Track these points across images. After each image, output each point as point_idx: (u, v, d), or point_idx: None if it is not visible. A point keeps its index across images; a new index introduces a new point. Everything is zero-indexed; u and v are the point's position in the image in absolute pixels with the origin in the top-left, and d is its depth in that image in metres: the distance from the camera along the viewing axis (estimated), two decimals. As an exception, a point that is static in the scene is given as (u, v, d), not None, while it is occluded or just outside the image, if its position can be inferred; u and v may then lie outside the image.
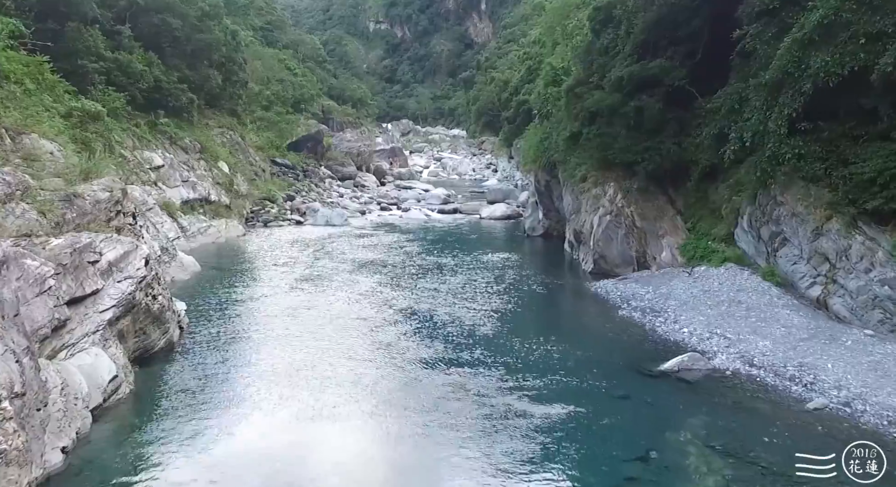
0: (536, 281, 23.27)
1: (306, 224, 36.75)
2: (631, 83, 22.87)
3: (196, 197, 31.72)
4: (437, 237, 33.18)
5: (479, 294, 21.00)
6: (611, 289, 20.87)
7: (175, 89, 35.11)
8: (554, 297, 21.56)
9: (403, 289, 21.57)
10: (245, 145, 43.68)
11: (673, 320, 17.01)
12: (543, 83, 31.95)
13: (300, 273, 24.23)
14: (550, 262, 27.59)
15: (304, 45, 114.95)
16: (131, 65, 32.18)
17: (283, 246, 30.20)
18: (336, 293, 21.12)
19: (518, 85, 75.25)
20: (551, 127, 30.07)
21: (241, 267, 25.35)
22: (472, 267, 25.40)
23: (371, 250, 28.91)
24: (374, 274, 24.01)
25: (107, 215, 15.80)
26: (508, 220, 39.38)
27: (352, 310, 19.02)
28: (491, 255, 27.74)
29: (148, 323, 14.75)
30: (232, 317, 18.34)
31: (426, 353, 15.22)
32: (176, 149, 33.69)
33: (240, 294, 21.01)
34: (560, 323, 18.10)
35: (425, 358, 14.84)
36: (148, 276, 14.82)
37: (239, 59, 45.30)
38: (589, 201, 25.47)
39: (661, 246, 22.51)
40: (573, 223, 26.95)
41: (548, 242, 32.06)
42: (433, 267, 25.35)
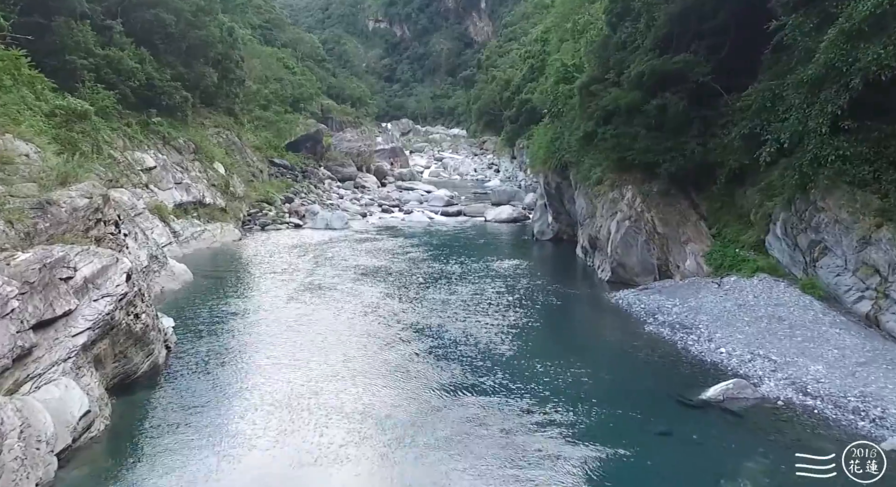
0: (551, 291, 21.69)
1: (305, 227, 35.14)
2: (652, 79, 21.32)
3: (190, 200, 30.11)
4: (442, 241, 31.60)
5: (491, 306, 19.43)
6: (633, 301, 19.31)
7: (168, 87, 33.48)
8: (572, 309, 19.99)
9: (411, 301, 19.99)
10: (242, 145, 42.05)
11: (707, 338, 15.44)
12: (554, 80, 30.38)
13: (300, 282, 22.64)
14: (563, 269, 26.01)
15: (303, 43, 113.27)
16: (122, 61, 30.57)
17: (281, 251, 28.60)
18: (339, 305, 19.53)
19: (520, 84, 73.80)
20: (563, 126, 28.49)
21: (236, 276, 23.74)
22: (482, 275, 23.82)
23: (374, 256, 27.32)
24: (379, 284, 22.43)
25: (85, 224, 14.20)
26: (515, 223, 37.82)
27: (357, 326, 17.43)
28: (500, 262, 26.17)
29: (129, 345, 13.16)
30: (225, 334, 16.74)
31: (441, 378, 13.64)
32: (169, 150, 32.08)
33: (234, 306, 19.40)
34: (583, 341, 16.54)
35: (440, 385, 13.26)
36: (130, 293, 13.22)
37: (235, 57, 43.65)
38: (605, 205, 23.90)
39: (685, 254, 20.95)
40: (587, 228, 25.38)
41: (558, 247, 30.50)
42: (440, 275, 23.77)
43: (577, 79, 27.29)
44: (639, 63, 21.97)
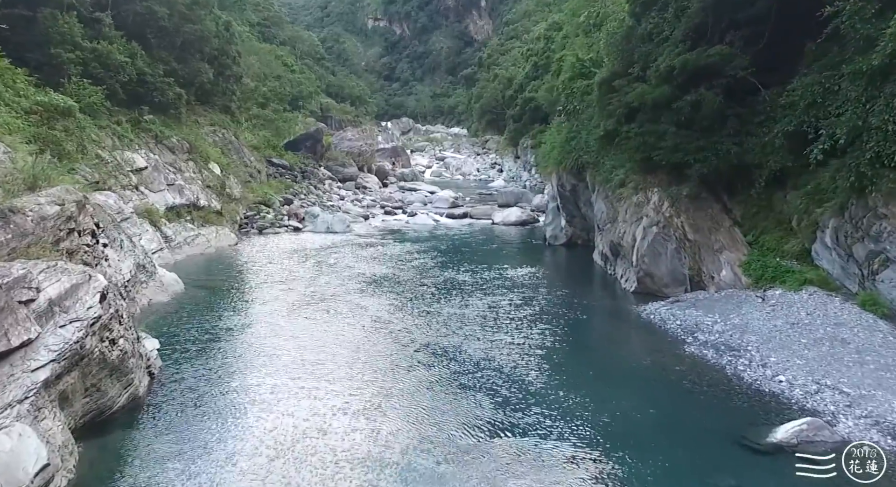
0: (573, 304, 19.85)
1: (305, 230, 33.25)
2: (684, 73, 19.43)
3: (183, 202, 28.19)
4: (449, 246, 29.73)
5: (510, 322, 17.56)
6: (666, 316, 17.46)
7: (161, 83, 31.56)
8: (599, 325, 18.12)
9: (423, 316, 18.11)
10: (239, 144, 40.13)
11: (760, 362, 13.60)
12: (568, 76, 28.50)
13: (300, 292, 20.75)
14: (582, 278, 24.14)
15: (302, 41, 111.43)
16: (111, 55, 28.61)
17: (279, 257, 26.70)
18: (344, 321, 17.65)
19: (523, 82, 71.99)
20: (579, 125, 26.63)
21: (231, 286, 21.83)
22: (495, 284, 21.96)
23: (378, 263, 25.43)
24: (387, 295, 20.56)
25: (55, 235, 12.30)
26: (523, 226, 35.96)
27: (365, 347, 15.54)
28: (513, 269, 24.30)
29: (103, 376, 11.27)
30: (218, 356, 14.85)
31: (466, 414, 11.77)
32: (161, 149, 30.16)
33: (228, 322, 17.51)
34: (618, 364, 14.68)
35: (466, 422, 11.39)
36: (104, 315, 11.33)
37: (232, 52, 41.70)
38: (629, 209, 22.04)
39: (720, 264, 19.09)
40: (608, 234, 23.52)
41: (572, 252, 28.64)
42: (451, 285, 21.89)
43: (595, 74, 25.44)
44: (667, 56, 20.10)
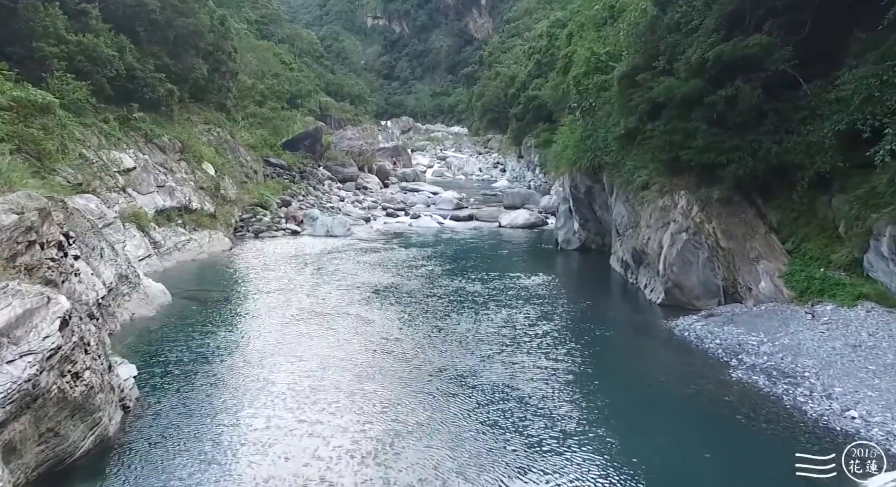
0: (596, 318, 18.08)
1: (304, 234, 31.44)
2: (718, 66, 17.65)
3: (173, 205, 26.36)
4: (456, 251, 27.92)
5: (531, 341, 15.77)
6: (702, 333, 15.68)
7: (151, 79, 29.74)
8: (630, 345, 16.29)
9: (434, 334, 16.30)
10: (235, 144, 38.30)
11: (823, 393, 11.82)
12: (582, 71, 26.70)
13: (298, 305, 18.95)
14: (601, 288, 22.34)
15: (301, 39, 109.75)
16: (97, 49, 26.78)
17: (276, 263, 24.89)
18: (347, 339, 15.85)
19: (526, 80, 70.21)
20: (596, 123, 24.83)
21: (223, 297, 20.01)
22: (509, 296, 20.17)
23: (382, 270, 23.63)
24: (392, 308, 18.76)
25: (11, 249, 10.50)
26: (532, 229, 34.18)
27: (373, 372, 13.71)
28: (526, 278, 22.51)
29: (63, 418, 9.48)
30: (205, 383, 13.04)
31: (495, 457, 9.97)
32: (152, 149, 28.33)
33: (219, 340, 15.70)
34: (659, 394, 12.85)
35: (497, 470, 9.59)
36: (66, 345, 9.53)
37: (228, 48, 39.85)
38: (654, 214, 20.26)
39: (757, 274, 17.32)
40: (629, 240, 21.73)
41: (586, 258, 26.87)
42: (462, 296, 20.10)
43: (614, 68, 23.67)
44: (698, 47, 18.30)
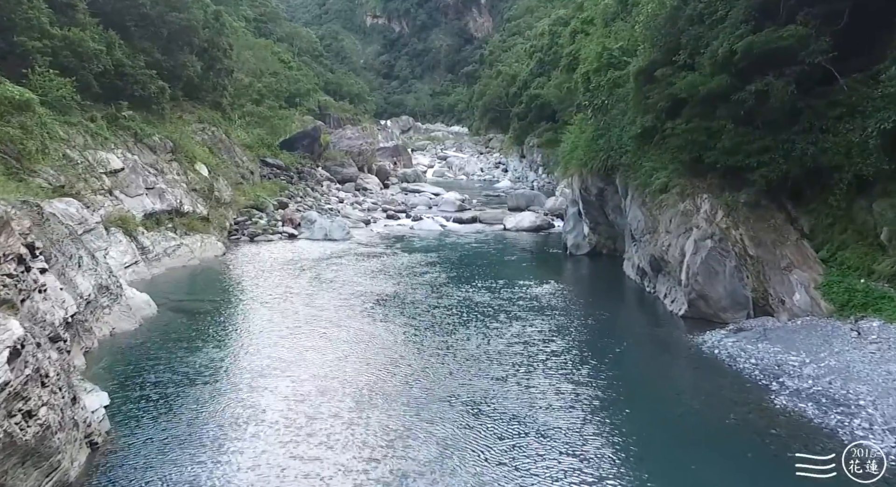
0: (615, 332, 16.68)
1: (301, 237, 29.98)
2: (748, 59, 16.24)
3: (163, 208, 24.90)
4: (461, 257, 26.47)
5: (547, 360, 14.34)
6: (734, 351, 14.25)
7: (142, 75, 28.28)
8: (656, 364, 14.81)
9: (442, 352, 14.87)
10: (230, 143, 36.83)
11: (885, 426, 10.38)
12: (593, 68, 25.25)
13: (294, 317, 17.51)
14: (617, 297, 20.93)
15: (300, 38, 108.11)
16: (83, 43, 25.31)
17: (272, 269, 23.45)
18: (347, 358, 14.40)
19: (528, 79, 68.81)
20: (609, 121, 23.40)
21: (214, 307, 18.55)
22: (519, 306, 18.75)
23: (384, 278, 22.19)
24: (395, 321, 17.33)
25: (-43, 265, 9.08)
26: (538, 232, 32.74)
27: (377, 398, 12.27)
28: (536, 286, 21.09)
29: (12, 465, 8.05)
30: (187, 411, 11.60)
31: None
32: (141, 149, 26.87)
33: (206, 359, 14.26)
34: (696, 423, 11.37)
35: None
36: (16, 380, 8.11)
37: (223, 44, 38.37)
38: (674, 218, 18.84)
39: (790, 285, 15.90)
40: (647, 246, 20.31)
41: (598, 264, 25.45)
42: (469, 307, 18.67)
43: (628, 64, 22.25)
44: (725, 39, 16.88)
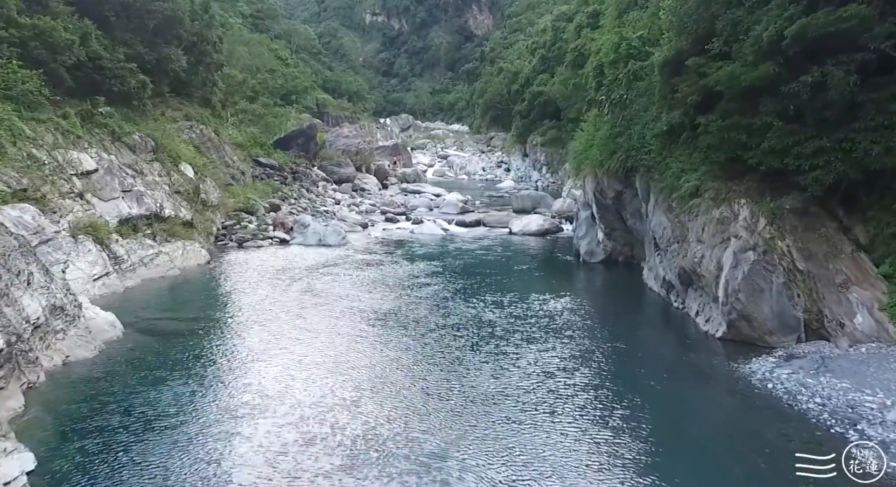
0: (647, 359, 14.47)
1: (293, 243, 27.75)
2: (799, 45, 13.98)
3: (141, 212, 22.64)
4: (465, 265, 24.22)
5: (575, 397, 12.12)
6: (792, 386, 12.02)
7: (121, 69, 25.99)
8: (701, 402, 12.47)
9: (450, 387, 12.62)
10: (220, 142, 34.57)
11: None
12: (609, 60, 22.99)
13: (279, 340, 15.26)
14: (640, 314, 18.75)
15: (298, 35, 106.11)
16: (55, 33, 23.04)
17: (259, 281, 21.22)
18: (337, 394, 12.17)
19: (530, 76, 66.65)
20: (629, 117, 21.15)
21: (189, 327, 16.30)
22: (533, 325, 16.53)
23: (381, 291, 19.96)
24: (394, 345, 15.10)
25: None
26: (546, 236, 30.55)
27: (373, 453, 10.03)
28: (550, 300, 18.86)
29: None
30: (139, 471, 9.37)
31: None
32: (119, 148, 24.59)
33: (173, 395, 12.00)
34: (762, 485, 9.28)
35: None
36: None
37: (212, 37, 36.08)
38: (708, 227, 16.60)
39: (850, 305, 13.68)
40: (674, 257, 18.06)
41: (614, 273, 23.24)
42: (478, 326, 16.42)
43: (652, 54, 20.02)
44: (771, 22, 14.62)
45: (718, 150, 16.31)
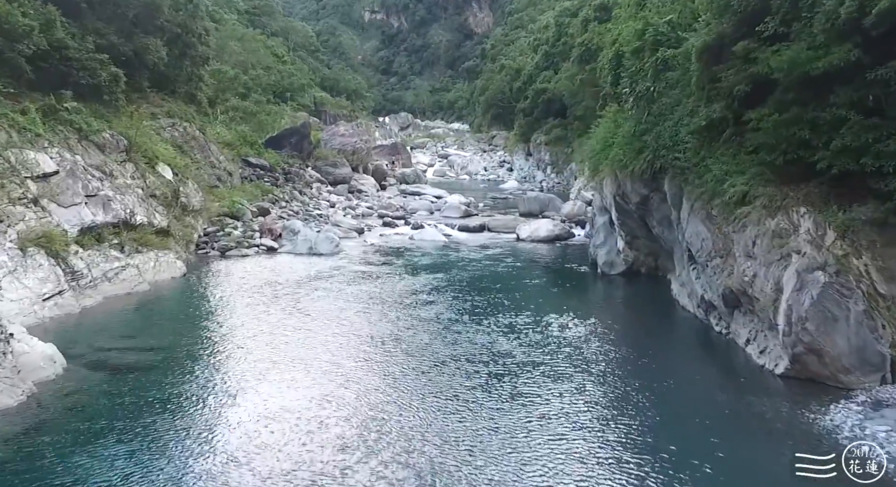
0: (697, 403, 11.81)
1: (282, 251, 25.06)
2: (888, 22, 11.31)
3: (108, 220, 19.92)
4: (471, 279, 21.50)
5: (614, 460, 9.47)
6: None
7: (90, 60, 23.26)
8: (774, 468, 9.75)
9: (462, 441, 9.95)
10: (206, 141, 31.84)
11: None
12: (633, 48, 20.29)
13: (254, 379, 12.59)
14: (677, 340, 16.06)
15: (296, 33, 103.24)
16: (10, 17, 20.33)
17: (240, 297, 18.55)
18: (319, 456, 9.49)
19: (533, 72, 63.96)
20: (658, 112, 18.44)
21: (148, 359, 13.61)
22: (556, 358, 13.85)
23: (377, 311, 17.28)
24: (392, 384, 12.41)
25: None
26: (556, 243, 27.83)
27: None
28: (571, 324, 16.18)
29: None
30: None
31: None
32: (87, 148, 21.84)
33: (110, 464, 9.34)
34: None
35: None
36: None
37: (197, 29, 33.29)
38: (761, 240, 13.89)
39: (949, 340, 11.03)
40: (717, 274, 15.36)
41: (637, 287, 20.58)
42: (490, 360, 13.73)
43: (686, 41, 17.34)
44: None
45: (773, 150, 13.61)
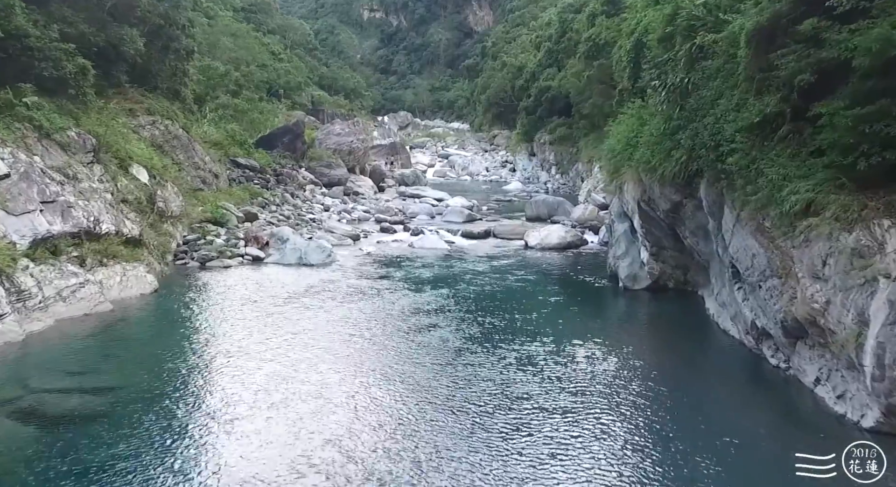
0: (761, 466, 9.34)
1: (269, 261, 22.53)
2: None
3: (66, 229, 17.37)
4: (479, 294, 18.99)
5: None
6: None
7: (54, 50, 20.69)
8: None
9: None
10: (190, 140, 29.30)
11: None
12: (661, 36, 17.80)
13: (229, 428, 10.08)
14: (721, 373, 13.54)
15: (294, 31, 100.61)
16: (-44, 1, 17.83)
17: (216, 319, 16.05)
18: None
19: (536, 70, 61.47)
20: (697, 107, 15.89)
21: (99, 403, 11.07)
22: (584, 400, 11.38)
23: (374, 335, 14.78)
24: (397, 433, 9.91)
25: None
26: (568, 250, 25.32)
27: None
28: (596, 353, 13.75)
29: None
30: None
31: None
32: (48, 147, 19.29)
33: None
34: None
35: None
36: None
37: (181, 20, 30.73)
38: (833, 259, 11.35)
39: None
40: (773, 296, 12.86)
41: (664, 304, 18.09)
42: (507, 402, 11.22)
43: (727, 24, 14.84)
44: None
45: (850, 150, 11.11)
